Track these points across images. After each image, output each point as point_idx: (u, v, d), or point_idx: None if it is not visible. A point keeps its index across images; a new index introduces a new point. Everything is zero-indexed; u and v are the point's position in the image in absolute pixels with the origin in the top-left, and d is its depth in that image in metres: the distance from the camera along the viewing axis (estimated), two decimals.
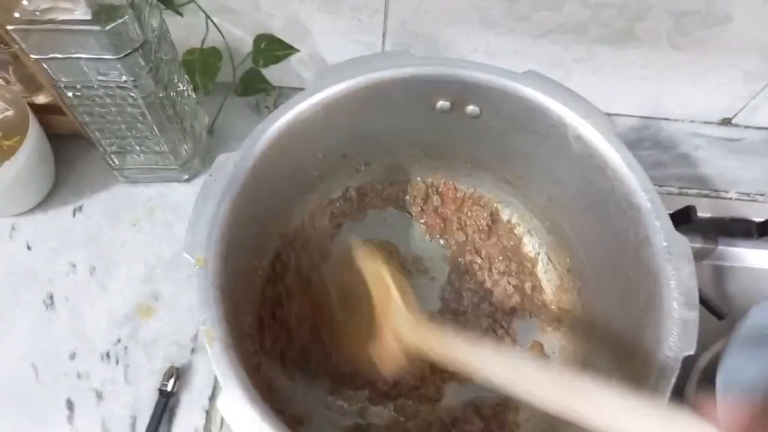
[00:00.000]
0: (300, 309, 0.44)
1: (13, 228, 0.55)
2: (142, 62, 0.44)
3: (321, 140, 0.43)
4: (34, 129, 0.51)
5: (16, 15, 0.39)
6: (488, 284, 0.49)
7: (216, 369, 0.30)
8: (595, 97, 0.41)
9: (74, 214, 0.56)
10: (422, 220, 0.53)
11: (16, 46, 0.44)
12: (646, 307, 0.35)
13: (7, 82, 0.56)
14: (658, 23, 0.53)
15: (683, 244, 0.35)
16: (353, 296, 0.40)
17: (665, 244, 0.35)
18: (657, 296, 0.34)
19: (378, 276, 0.38)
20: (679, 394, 0.37)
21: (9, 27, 0.39)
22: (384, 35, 0.57)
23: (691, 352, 0.31)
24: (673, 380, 0.31)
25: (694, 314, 0.32)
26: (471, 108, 0.42)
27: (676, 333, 0.32)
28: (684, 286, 0.33)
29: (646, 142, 0.64)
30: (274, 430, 0.29)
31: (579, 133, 0.39)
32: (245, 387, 0.30)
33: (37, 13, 0.39)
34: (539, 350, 0.47)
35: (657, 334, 0.33)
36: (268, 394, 0.38)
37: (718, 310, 0.49)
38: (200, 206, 0.34)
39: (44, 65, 0.43)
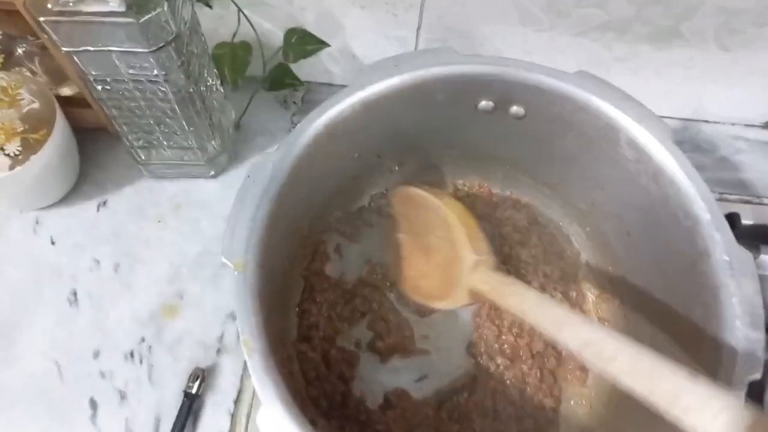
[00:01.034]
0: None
1: (37, 222, 0.54)
2: (174, 56, 0.43)
3: (358, 140, 0.41)
4: (60, 122, 0.50)
5: (50, 6, 0.38)
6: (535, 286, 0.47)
7: (255, 382, 0.29)
8: (634, 98, 0.39)
9: (98, 209, 0.55)
10: None
11: (46, 38, 0.43)
12: (702, 325, 0.33)
13: (33, 73, 0.55)
14: (707, 22, 0.51)
15: (746, 258, 0.33)
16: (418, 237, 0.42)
17: (727, 258, 0.33)
18: (716, 313, 0.32)
19: (442, 215, 0.40)
20: None
21: (41, 18, 0.38)
22: (418, 30, 0.55)
23: (758, 377, 0.30)
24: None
25: (759, 335, 0.30)
26: (515, 108, 0.41)
27: (740, 354, 0.30)
28: (748, 304, 0.31)
29: (686, 144, 0.62)
30: None
31: (632, 138, 0.37)
32: (285, 401, 0.29)
33: (71, 4, 0.38)
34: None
35: (716, 355, 0.31)
36: (301, 401, 0.37)
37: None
38: (238, 209, 0.33)
39: (75, 58, 0.42)
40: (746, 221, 0.56)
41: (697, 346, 0.33)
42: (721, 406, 0.24)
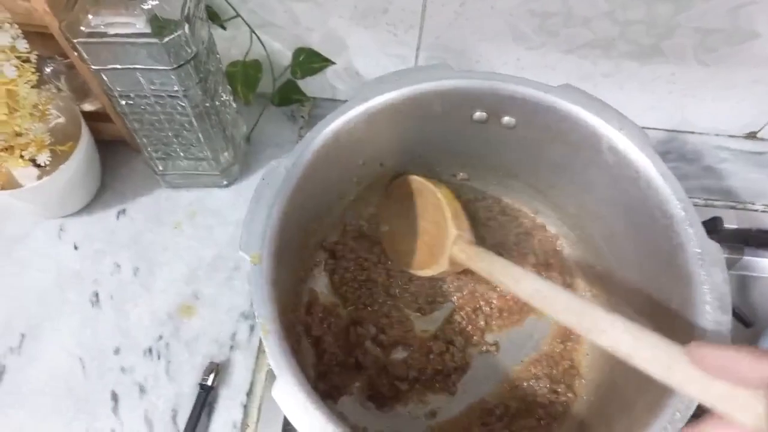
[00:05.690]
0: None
1: (61, 229, 0.58)
2: (193, 73, 0.47)
3: (362, 148, 0.45)
4: (85, 135, 0.54)
5: (83, 29, 0.42)
6: None
7: (271, 360, 0.32)
8: (621, 110, 0.43)
9: (118, 217, 0.59)
10: None
11: (76, 56, 0.47)
12: (678, 312, 0.36)
13: (59, 90, 0.59)
14: (685, 40, 0.55)
15: (716, 250, 0.36)
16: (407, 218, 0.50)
17: (698, 250, 0.36)
18: (690, 301, 0.35)
19: (435, 200, 0.48)
20: None
21: (76, 40, 0.42)
22: (418, 49, 0.59)
23: (728, 345, 0.32)
24: None
25: (726, 318, 0.34)
26: (507, 119, 0.44)
27: (710, 335, 0.33)
28: (717, 291, 0.34)
29: (672, 154, 0.66)
30: (325, 418, 0.31)
31: (613, 144, 0.41)
32: (297, 377, 0.32)
33: (102, 27, 0.42)
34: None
35: (689, 338, 0.34)
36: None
37: (744, 318, 0.50)
38: (254, 208, 0.36)
39: (103, 75, 0.46)
40: (730, 225, 0.59)
41: (673, 330, 0.36)
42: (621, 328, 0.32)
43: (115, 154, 0.61)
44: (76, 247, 0.57)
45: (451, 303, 0.51)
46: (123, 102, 0.49)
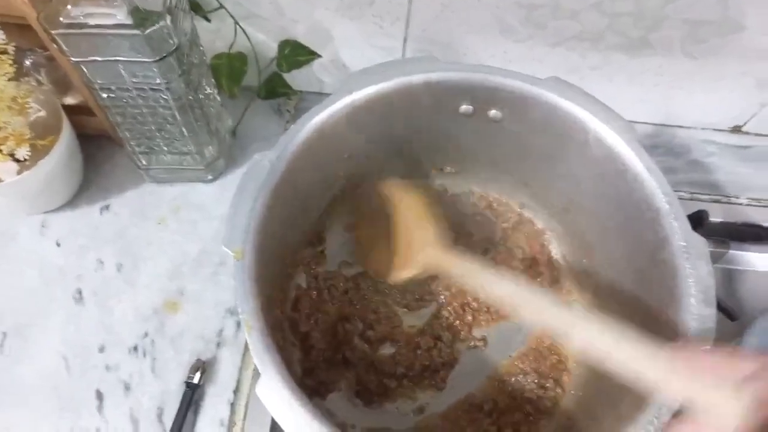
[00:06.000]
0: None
1: (43, 225, 0.57)
2: (175, 66, 0.46)
3: (348, 142, 0.44)
4: (66, 129, 0.53)
5: (61, 19, 0.41)
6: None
7: (254, 356, 0.31)
8: (609, 104, 0.43)
9: (101, 213, 0.58)
10: None
11: (55, 48, 0.46)
12: (664, 305, 0.36)
13: (40, 83, 0.58)
14: (673, 32, 0.54)
15: (701, 244, 0.36)
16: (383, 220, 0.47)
17: (683, 243, 0.36)
18: (675, 294, 0.35)
19: (413, 202, 0.46)
20: None
21: (54, 31, 0.41)
22: (405, 41, 0.58)
23: (708, 347, 0.33)
24: None
25: (711, 311, 0.34)
26: (494, 112, 0.44)
27: (694, 328, 0.33)
28: (702, 284, 0.34)
29: (659, 148, 0.66)
30: (310, 415, 0.31)
31: (600, 138, 0.41)
32: (282, 374, 0.31)
33: (81, 18, 0.41)
34: None
35: (675, 330, 0.34)
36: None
37: (730, 312, 0.50)
38: (237, 202, 0.36)
39: (83, 67, 0.45)
40: (716, 219, 0.60)
41: (660, 324, 0.36)
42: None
43: (98, 148, 0.60)
44: (58, 243, 0.56)
45: (439, 300, 0.51)
46: (104, 95, 0.48)
